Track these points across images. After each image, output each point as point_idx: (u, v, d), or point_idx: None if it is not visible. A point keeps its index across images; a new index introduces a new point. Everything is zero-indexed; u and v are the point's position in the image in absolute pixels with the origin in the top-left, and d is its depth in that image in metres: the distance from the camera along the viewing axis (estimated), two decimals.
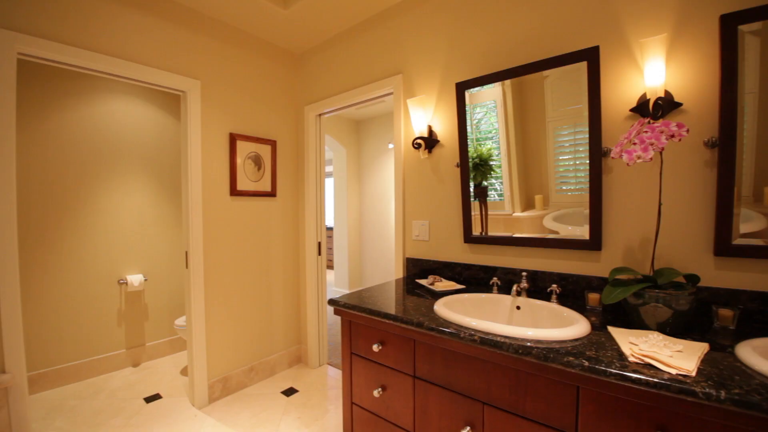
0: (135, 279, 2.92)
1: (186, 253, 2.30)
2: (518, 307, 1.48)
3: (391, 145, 4.73)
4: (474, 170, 1.85)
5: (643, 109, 1.37)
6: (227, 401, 2.43)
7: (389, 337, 1.43)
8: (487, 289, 1.70)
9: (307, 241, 2.87)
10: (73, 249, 2.69)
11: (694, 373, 0.85)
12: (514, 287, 1.46)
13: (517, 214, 1.73)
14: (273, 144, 2.73)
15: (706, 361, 0.92)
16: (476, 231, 1.87)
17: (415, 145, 1.99)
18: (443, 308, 1.35)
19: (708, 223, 1.29)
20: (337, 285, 5.22)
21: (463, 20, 1.91)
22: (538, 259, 1.68)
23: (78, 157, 2.71)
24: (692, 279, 1.17)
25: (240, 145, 2.52)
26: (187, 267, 2.30)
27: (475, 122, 1.84)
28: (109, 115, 2.87)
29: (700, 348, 0.97)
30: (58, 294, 2.62)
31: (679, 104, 1.32)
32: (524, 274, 1.54)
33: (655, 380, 0.84)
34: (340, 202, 5.07)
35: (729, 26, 1.21)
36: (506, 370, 1.12)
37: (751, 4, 1.20)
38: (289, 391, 2.55)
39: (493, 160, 1.79)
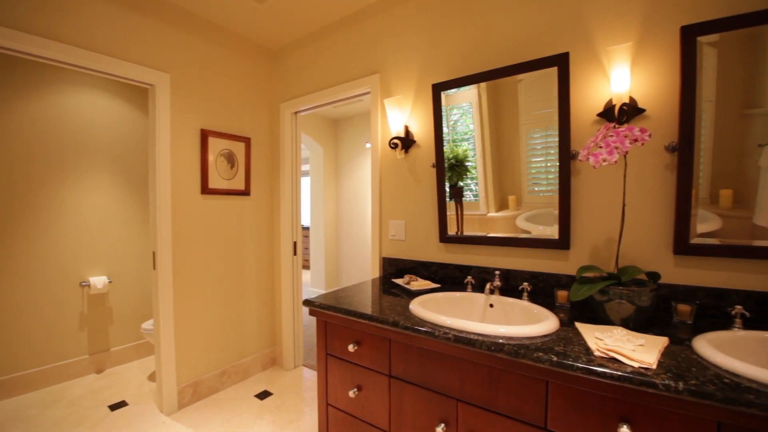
0: (98, 281, 2.78)
1: (153, 253, 2.21)
2: (491, 305, 1.51)
3: (368, 145, 4.73)
4: (450, 171, 1.88)
5: (609, 114, 1.43)
6: (198, 407, 2.35)
7: (365, 337, 1.43)
8: (462, 287, 1.73)
9: (283, 241, 2.82)
10: (32, 249, 2.53)
11: (654, 366, 0.90)
12: (488, 286, 1.49)
13: (492, 214, 1.76)
14: (247, 141, 2.67)
15: (666, 354, 0.97)
16: (452, 231, 1.90)
17: (392, 145, 1.99)
18: (418, 307, 1.36)
19: (668, 223, 1.36)
20: (313, 285, 5.16)
21: (440, 22, 1.93)
22: (511, 258, 1.73)
23: (41, 153, 2.55)
24: (653, 276, 1.23)
25: (212, 141, 2.44)
26: (154, 268, 2.21)
27: (451, 123, 1.86)
28: (74, 108, 2.72)
29: (661, 342, 1.03)
30: (14, 297, 2.46)
31: (643, 110, 1.39)
32: (497, 272, 1.58)
33: (619, 373, 0.88)
34: (316, 202, 5.02)
35: (689, 37, 1.28)
36: (479, 367, 1.14)
37: (709, 17, 1.28)
38: (263, 395, 2.50)
39: (468, 161, 1.82)
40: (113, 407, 2.34)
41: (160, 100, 2.19)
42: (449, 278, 1.90)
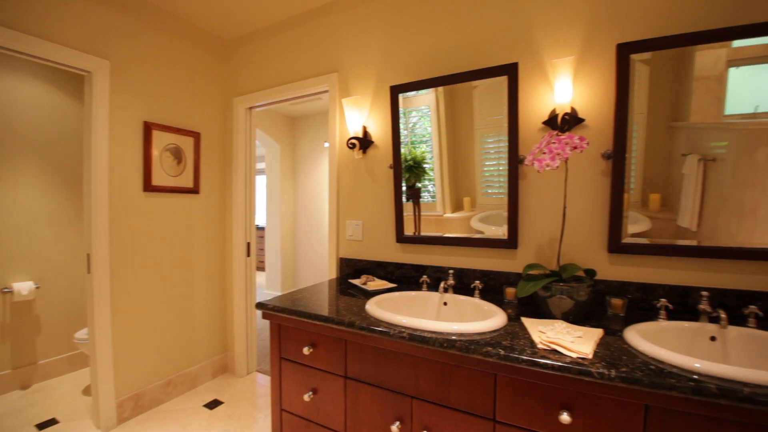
0: (23, 287, 2.50)
1: (88, 255, 2.03)
2: (445, 303, 1.56)
3: (327, 144, 4.67)
4: (408, 172, 1.91)
5: (553, 122, 1.53)
6: (140, 420, 2.19)
7: (320, 338, 1.41)
8: (418, 287, 1.76)
9: (235, 242, 2.71)
10: None
11: (590, 356, 0.97)
12: (442, 284, 1.53)
13: (448, 215, 1.81)
14: (196, 136, 2.53)
15: (601, 345, 1.06)
16: (409, 231, 1.93)
17: (350, 145, 1.99)
18: (374, 307, 1.37)
19: (603, 224, 1.49)
20: (268, 287, 5.00)
21: (399, 24, 1.96)
22: (465, 257, 1.79)
23: None
24: (590, 273, 1.34)
25: (157, 135, 2.29)
26: (89, 272, 2.03)
27: (410, 125, 1.89)
28: None
29: (597, 333, 1.12)
30: None
31: (582, 120, 1.50)
32: (451, 271, 1.63)
33: (559, 364, 0.94)
34: (272, 201, 4.87)
35: (623, 54, 1.41)
36: (433, 363, 1.17)
37: (642, 37, 1.41)
38: (213, 404, 2.38)
39: (426, 162, 1.86)
40: (42, 426, 2.12)
41: (98, 89, 2.02)
42: (406, 278, 1.93)
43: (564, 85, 1.47)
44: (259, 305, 1.51)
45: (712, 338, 1.15)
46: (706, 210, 1.32)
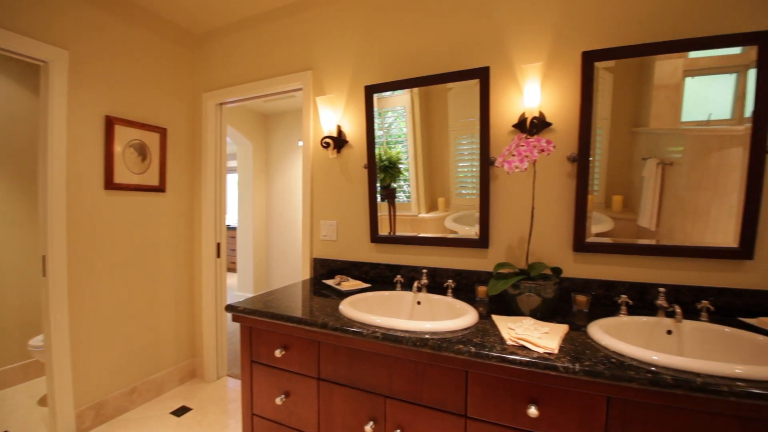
0: None
1: (43, 257, 1.91)
2: (419, 303, 1.57)
3: (301, 143, 4.61)
4: (383, 172, 1.91)
5: (522, 125, 1.57)
6: (102, 430, 2.08)
7: (293, 340, 1.39)
8: (392, 286, 1.77)
9: (204, 242, 2.62)
10: None
11: (557, 351, 1.01)
12: (415, 284, 1.54)
13: (423, 215, 1.83)
14: (162, 132, 2.43)
15: (566, 340, 1.10)
16: (384, 231, 1.93)
17: (324, 144, 1.97)
18: (348, 308, 1.36)
19: (569, 224, 1.55)
20: (240, 289, 4.88)
21: (375, 24, 1.95)
22: (439, 257, 1.81)
23: None
24: (557, 271, 1.39)
25: (119, 130, 2.18)
26: (44, 275, 1.91)
27: (386, 126, 1.90)
28: None
29: (562, 329, 1.16)
30: None
31: (550, 124, 1.55)
32: (425, 271, 1.64)
33: (527, 359, 0.97)
34: (244, 200, 4.75)
35: (588, 62, 1.47)
36: (406, 362, 1.18)
37: (606, 46, 1.47)
38: (181, 411, 2.30)
39: (401, 163, 1.87)
40: None
41: (55, 81, 1.90)
42: (380, 278, 1.93)
43: (533, 90, 1.52)
44: (229, 308, 1.47)
45: (669, 332, 1.22)
46: (663, 211, 1.40)
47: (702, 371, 0.88)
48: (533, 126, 1.52)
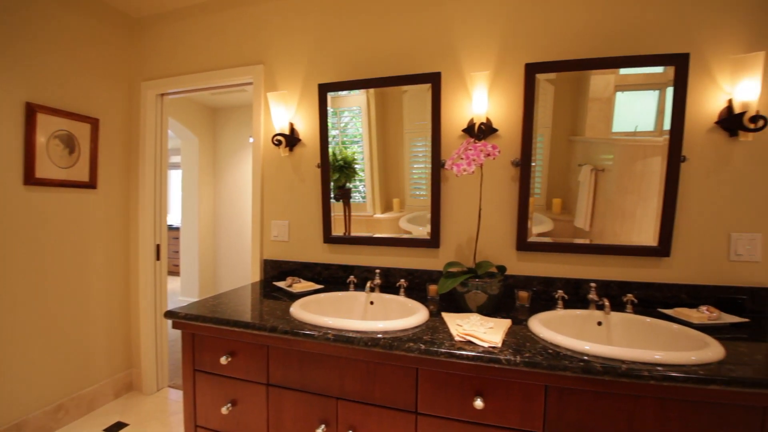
0: None
1: None
2: (372, 303, 1.58)
3: (252, 140, 4.43)
4: (338, 172, 1.89)
5: (470, 130, 1.64)
6: None
7: (240, 346, 1.33)
8: (345, 287, 1.76)
9: (142, 244, 2.43)
10: None
11: (500, 345, 1.06)
12: (368, 284, 1.54)
13: (378, 215, 1.84)
14: (94, 123, 2.22)
15: (509, 334, 1.16)
16: (339, 231, 1.91)
17: (276, 142, 1.91)
18: (299, 310, 1.33)
19: (513, 224, 1.64)
20: (184, 294, 4.58)
21: (331, 22, 1.93)
22: (392, 257, 1.83)
23: None
24: (501, 269, 1.46)
25: (43, 119, 1.96)
26: None
27: (342, 125, 1.88)
28: None
29: (506, 324, 1.22)
30: None
31: (496, 130, 1.63)
32: (378, 271, 1.65)
33: (473, 354, 1.01)
34: (189, 198, 4.47)
35: (530, 73, 1.56)
36: (358, 363, 1.18)
37: (547, 59, 1.57)
38: (116, 427, 2.11)
39: (357, 163, 1.86)
40: None
41: None
42: (333, 278, 1.91)
43: (480, 97, 1.59)
44: (169, 314, 1.38)
45: (599, 323, 1.33)
46: (596, 213, 1.53)
47: (626, 358, 0.96)
48: (481, 131, 1.59)
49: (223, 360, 1.32)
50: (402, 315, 1.46)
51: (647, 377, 0.91)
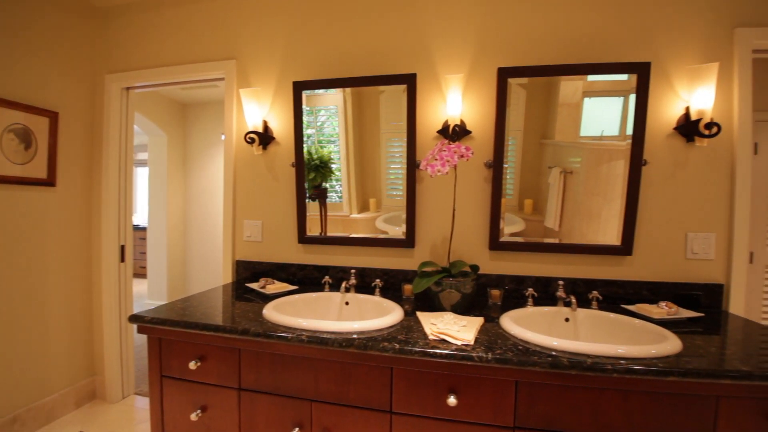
0: None
1: None
2: (347, 303, 1.57)
3: (224, 137, 4.31)
4: (314, 171, 1.87)
5: (445, 132, 1.66)
6: None
7: (210, 350, 1.29)
8: (320, 288, 1.74)
9: (105, 244, 2.31)
10: None
11: (473, 342, 1.08)
12: (344, 284, 1.54)
13: (354, 215, 1.83)
14: (53, 116, 2.09)
15: (481, 332, 1.18)
16: (315, 231, 1.89)
17: (248, 140, 1.87)
18: (273, 311, 1.31)
19: (486, 225, 1.67)
20: (151, 297, 4.40)
21: (306, 19, 1.90)
22: (368, 257, 1.83)
23: None
24: (474, 268, 1.49)
25: None
26: None
27: (318, 124, 1.86)
28: None
29: (478, 322, 1.24)
30: None
31: (470, 132, 1.66)
32: (353, 271, 1.65)
33: (447, 352, 1.03)
34: (157, 197, 4.29)
35: (502, 77, 1.60)
36: (332, 364, 1.17)
37: (519, 64, 1.61)
38: None
39: (333, 162, 1.84)
40: None
41: None
42: (308, 279, 1.89)
43: (455, 99, 1.61)
44: (134, 318, 1.32)
45: (567, 319, 1.38)
46: (565, 213, 1.58)
47: (591, 353, 1.00)
48: (455, 133, 1.62)
49: (192, 365, 1.27)
50: (377, 315, 1.46)
51: (611, 370, 0.95)
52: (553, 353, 1.01)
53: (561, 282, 1.44)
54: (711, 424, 0.96)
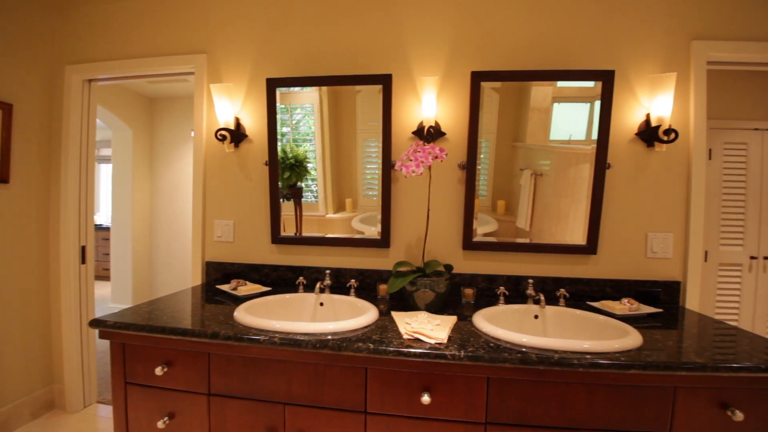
0: None
1: None
2: (322, 304, 1.55)
3: (194, 133, 4.17)
4: (289, 170, 1.84)
5: (420, 133, 1.68)
6: None
7: (177, 355, 1.24)
8: (294, 289, 1.71)
9: (64, 245, 2.18)
10: None
11: (446, 341, 1.09)
12: (318, 285, 1.52)
13: (330, 215, 1.81)
14: (7, 109, 1.96)
15: (454, 330, 1.20)
16: (290, 231, 1.86)
17: (220, 137, 1.81)
18: (244, 314, 1.28)
19: (460, 225, 1.70)
20: (115, 300, 4.20)
21: (281, 14, 1.86)
22: (343, 257, 1.82)
23: None
24: (448, 268, 1.51)
25: None
26: None
27: (294, 123, 1.83)
28: None
29: (452, 320, 1.26)
30: None
31: (444, 133, 1.69)
32: (328, 272, 1.64)
33: (420, 350, 1.04)
34: (121, 196, 4.10)
35: (476, 80, 1.63)
36: (306, 366, 1.15)
37: (492, 68, 1.65)
38: None
39: (309, 162, 1.82)
40: None
41: None
42: (282, 280, 1.85)
43: (430, 101, 1.63)
44: (95, 322, 1.25)
45: (536, 316, 1.42)
46: (535, 214, 1.63)
47: (558, 348, 1.04)
48: (430, 134, 1.64)
49: (159, 371, 1.22)
50: (352, 315, 1.46)
51: (577, 365, 0.99)
52: (523, 349, 1.04)
53: (531, 280, 1.48)
54: (669, 413, 1.02)
